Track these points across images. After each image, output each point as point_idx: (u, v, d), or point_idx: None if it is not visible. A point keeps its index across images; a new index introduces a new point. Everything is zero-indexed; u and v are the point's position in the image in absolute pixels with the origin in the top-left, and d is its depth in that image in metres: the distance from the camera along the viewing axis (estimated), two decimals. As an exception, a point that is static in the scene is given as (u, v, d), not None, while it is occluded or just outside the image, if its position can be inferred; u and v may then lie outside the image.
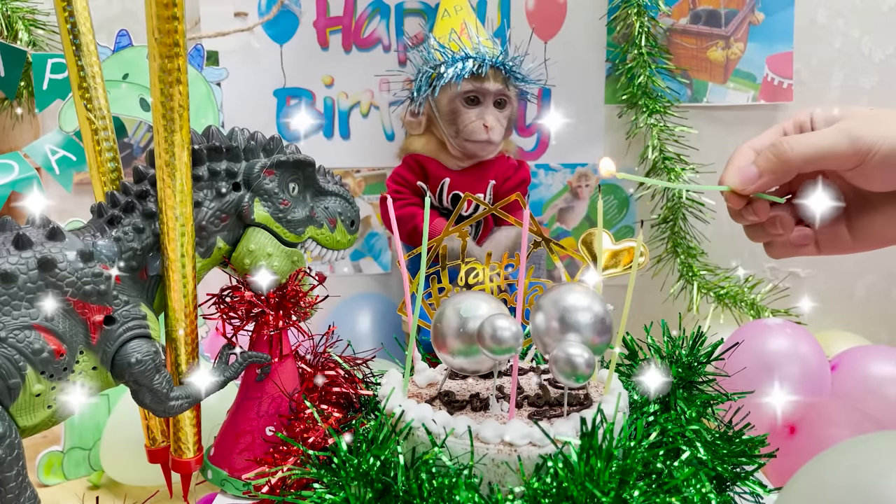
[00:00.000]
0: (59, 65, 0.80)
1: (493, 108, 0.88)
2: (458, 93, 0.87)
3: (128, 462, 0.73)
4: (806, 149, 0.59)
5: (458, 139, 0.89)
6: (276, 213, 0.57)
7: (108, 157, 0.56)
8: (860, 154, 0.57)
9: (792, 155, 0.59)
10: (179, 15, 0.48)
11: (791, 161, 0.59)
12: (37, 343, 0.47)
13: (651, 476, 0.47)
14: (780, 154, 0.60)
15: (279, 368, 0.60)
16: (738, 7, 1.05)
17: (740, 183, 0.61)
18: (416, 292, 0.58)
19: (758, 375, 0.74)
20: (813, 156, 0.59)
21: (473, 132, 0.87)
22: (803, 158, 0.59)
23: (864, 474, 0.43)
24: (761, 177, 0.61)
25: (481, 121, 0.87)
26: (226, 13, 1.00)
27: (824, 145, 0.58)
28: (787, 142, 0.60)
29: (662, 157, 1.03)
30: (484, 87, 0.87)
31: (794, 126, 0.64)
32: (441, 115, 0.89)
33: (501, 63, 0.88)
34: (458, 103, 0.88)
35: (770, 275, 1.11)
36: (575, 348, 0.49)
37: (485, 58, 0.87)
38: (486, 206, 0.67)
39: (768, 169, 0.60)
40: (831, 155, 0.58)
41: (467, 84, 0.87)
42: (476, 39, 0.88)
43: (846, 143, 0.57)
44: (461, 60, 0.87)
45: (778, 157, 0.60)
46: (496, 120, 0.88)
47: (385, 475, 0.47)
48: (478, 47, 0.87)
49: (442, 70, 0.87)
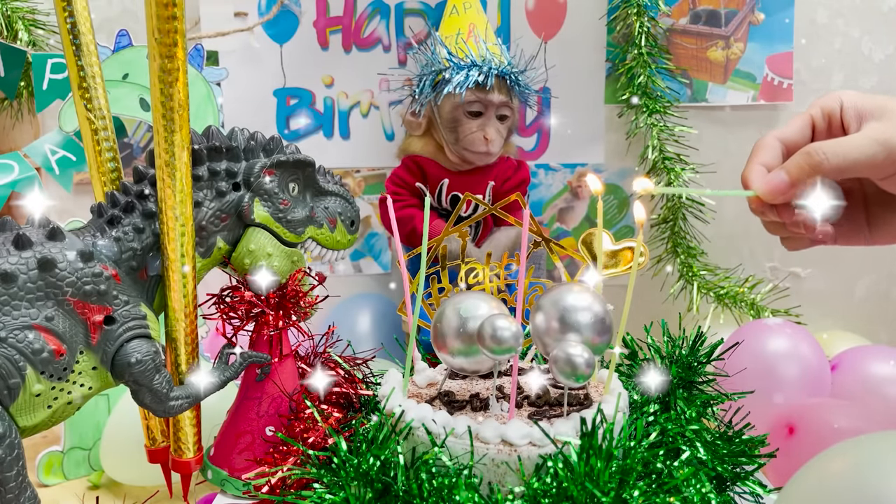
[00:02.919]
0: (59, 65, 0.80)
1: (495, 121, 0.88)
2: (462, 103, 0.86)
3: (128, 462, 0.73)
4: (841, 161, 0.56)
5: (456, 146, 0.88)
6: (276, 213, 0.57)
7: (108, 157, 0.56)
8: (884, 169, 0.56)
9: (827, 167, 0.56)
10: (179, 15, 0.48)
11: (825, 172, 0.56)
12: (37, 343, 0.47)
13: (651, 476, 0.47)
14: (814, 165, 0.56)
15: (279, 368, 0.60)
16: (738, 7, 1.05)
17: (769, 193, 0.58)
18: (416, 292, 0.58)
19: (758, 375, 0.74)
20: (848, 167, 0.56)
21: (473, 143, 0.87)
22: (838, 170, 0.56)
23: (864, 474, 0.43)
24: (793, 187, 0.57)
25: (482, 133, 0.87)
26: (226, 13, 1.00)
27: (861, 158, 0.56)
28: (822, 151, 0.56)
29: (662, 157, 1.03)
30: (488, 99, 0.86)
31: (822, 115, 0.61)
32: (442, 121, 0.89)
33: (507, 73, 0.87)
34: (460, 113, 0.87)
35: (770, 275, 1.11)
36: (575, 348, 0.49)
37: (490, 67, 0.86)
38: (485, 205, 0.67)
39: (800, 179, 0.57)
40: (868, 166, 0.56)
41: (471, 95, 0.86)
42: (483, 46, 0.86)
43: (884, 155, 0.55)
44: (466, 69, 0.85)
45: (812, 167, 0.56)
46: (497, 132, 0.87)
47: (385, 475, 0.47)
48: (484, 54, 0.86)
49: (447, 76, 0.86)
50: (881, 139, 0.56)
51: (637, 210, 0.55)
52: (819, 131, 0.61)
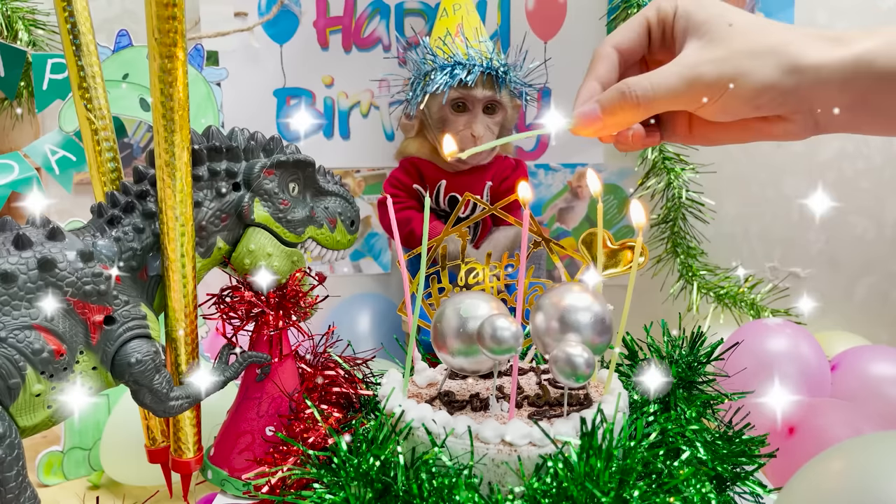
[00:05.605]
0: (59, 65, 0.80)
1: (482, 116, 0.87)
2: (447, 100, 0.86)
3: (128, 462, 0.73)
4: (651, 101, 0.54)
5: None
6: (276, 213, 0.57)
7: (108, 157, 0.56)
8: (697, 101, 0.55)
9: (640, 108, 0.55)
10: (179, 15, 0.48)
11: (639, 112, 0.55)
12: (37, 343, 0.47)
13: (651, 476, 0.47)
14: (626, 105, 0.55)
15: (279, 368, 0.60)
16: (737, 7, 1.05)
17: (583, 126, 0.56)
18: (416, 292, 0.58)
19: (758, 375, 0.74)
20: (660, 107, 0.55)
21: (461, 140, 0.87)
22: (650, 110, 0.55)
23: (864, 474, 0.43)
24: (606, 120, 0.56)
25: (469, 130, 0.86)
26: (226, 13, 1.00)
27: (670, 97, 0.54)
28: (634, 93, 0.55)
29: (662, 157, 1.03)
30: (471, 95, 0.86)
31: (657, 21, 0.59)
32: (432, 121, 0.89)
33: (492, 68, 0.86)
34: (446, 111, 0.87)
35: (770, 275, 1.11)
36: (575, 348, 0.49)
37: (475, 64, 0.86)
38: (485, 205, 0.67)
39: (614, 114, 0.56)
40: (681, 103, 0.55)
41: (455, 92, 0.86)
42: (465, 44, 0.86)
43: (692, 92, 0.54)
44: (450, 68, 0.86)
45: (624, 105, 0.55)
46: (485, 127, 0.87)
47: (385, 475, 0.47)
48: (467, 52, 0.86)
49: (432, 76, 0.86)
50: (688, 76, 0.54)
51: (635, 213, 0.55)
52: (654, 39, 0.60)
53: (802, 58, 0.52)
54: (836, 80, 0.52)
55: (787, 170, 1.09)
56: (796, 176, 1.09)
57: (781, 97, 0.53)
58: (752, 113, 0.55)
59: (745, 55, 0.53)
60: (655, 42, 0.59)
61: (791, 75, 0.52)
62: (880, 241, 1.10)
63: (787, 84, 0.52)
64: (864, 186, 1.09)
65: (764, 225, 1.11)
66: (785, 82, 0.52)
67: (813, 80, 0.52)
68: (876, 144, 1.08)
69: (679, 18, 0.57)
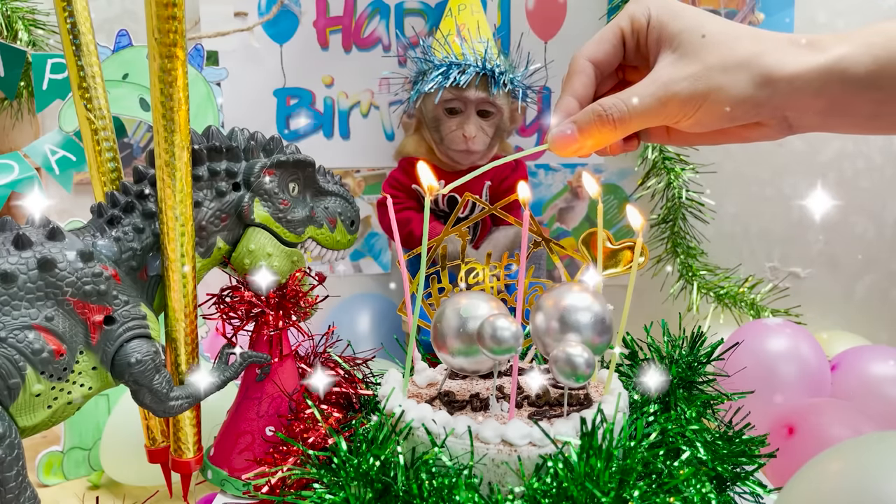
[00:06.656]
0: (59, 65, 0.80)
1: (475, 118, 0.87)
2: (440, 101, 0.86)
3: (128, 462, 0.73)
4: (627, 123, 0.54)
5: (441, 146, 0.89)
6: (276, 213, 0.57)
7: (108, 157, 0.56)
8: (672, 118, 0.55)
9: (617, 130, 0.55)
10: (179, 15, 0.48)
11: (616, 133, 0.55)
12: (37, 343, 0.47)
13: (651, 476, 0.47)
14: (603, 126, 0.55)
15: (279, 368, 0.60)
16: (737, 7, 1.05)
17: (559, 147, 0.56)
18: (416, 292, 0.58)
19: (758, 375, 0.74)
20: (636, 126, 0.55)
21: (453, 141, 0.87)
22: (626, 130, 0.55)
23: (864, 474, 0.43)
24: (582, 141, 0.55)
25: (461, 131, 0.87)
26: (226, 13, 1.00)
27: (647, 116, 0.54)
28: (610, 115, 0.54)
29: (663, 157, 1.03)
30: (464, 96, 0.86)
31: (631, 31, 0.58)
32: (427, 121, 0.89)
33: (487, 69, 0.86)
34: (440, 112, 0.87)
35: (770, 275, 1.11)
36: (575, 348, 0.49)
37: (470, 65, 0.86)
38: (485, 205, 0.67)
39: (591, 135, 0.55)
40: (658, 121, 0.55)
41: (448, 93, 0.86)
42: (462, 45, 0.86)
43: (666, 112, 0.54)
44: (445, 68, 0.86)
45: (600, 127, 0.55)
46: (478, 129, 0.87)
47: (385, 475, 0.47)
48: (463, 53, 0.86)
49: (428, 76, 0.87)
50: (663, 96, 0.53)
51: (632, 217, 0.55)
52: (629, 48, 0.59)
53: (776, 69, 0.52)
54: (810, 89, 0.52)
55: (787, 170, 1.09)
56: (796, 176, 1.09)
57: (755, 109, 0.53)
58: (728, 124, 0.55)
59: (719, 70, 0.52)
60: (630, 51, 0.59)
61: (764, 88, 0.52)
62: (880, 241, 1.10)
63: (761, 96, 0.52)
64: (864, 186, 1.09)
65: (764, 225, 1.11)
66: (758, 95, 0.52)
67: (786, 90, 0.52)
68: (876, 144, 1.08)
69: (652, 29, 0.56)
